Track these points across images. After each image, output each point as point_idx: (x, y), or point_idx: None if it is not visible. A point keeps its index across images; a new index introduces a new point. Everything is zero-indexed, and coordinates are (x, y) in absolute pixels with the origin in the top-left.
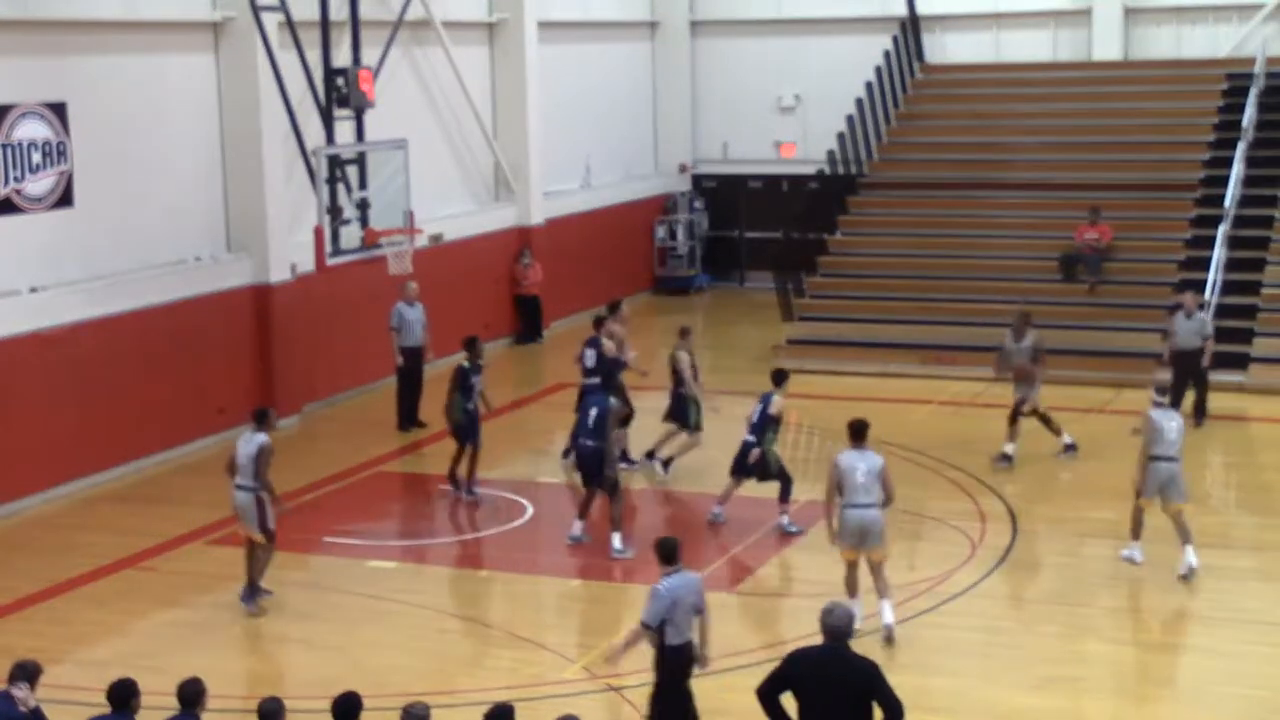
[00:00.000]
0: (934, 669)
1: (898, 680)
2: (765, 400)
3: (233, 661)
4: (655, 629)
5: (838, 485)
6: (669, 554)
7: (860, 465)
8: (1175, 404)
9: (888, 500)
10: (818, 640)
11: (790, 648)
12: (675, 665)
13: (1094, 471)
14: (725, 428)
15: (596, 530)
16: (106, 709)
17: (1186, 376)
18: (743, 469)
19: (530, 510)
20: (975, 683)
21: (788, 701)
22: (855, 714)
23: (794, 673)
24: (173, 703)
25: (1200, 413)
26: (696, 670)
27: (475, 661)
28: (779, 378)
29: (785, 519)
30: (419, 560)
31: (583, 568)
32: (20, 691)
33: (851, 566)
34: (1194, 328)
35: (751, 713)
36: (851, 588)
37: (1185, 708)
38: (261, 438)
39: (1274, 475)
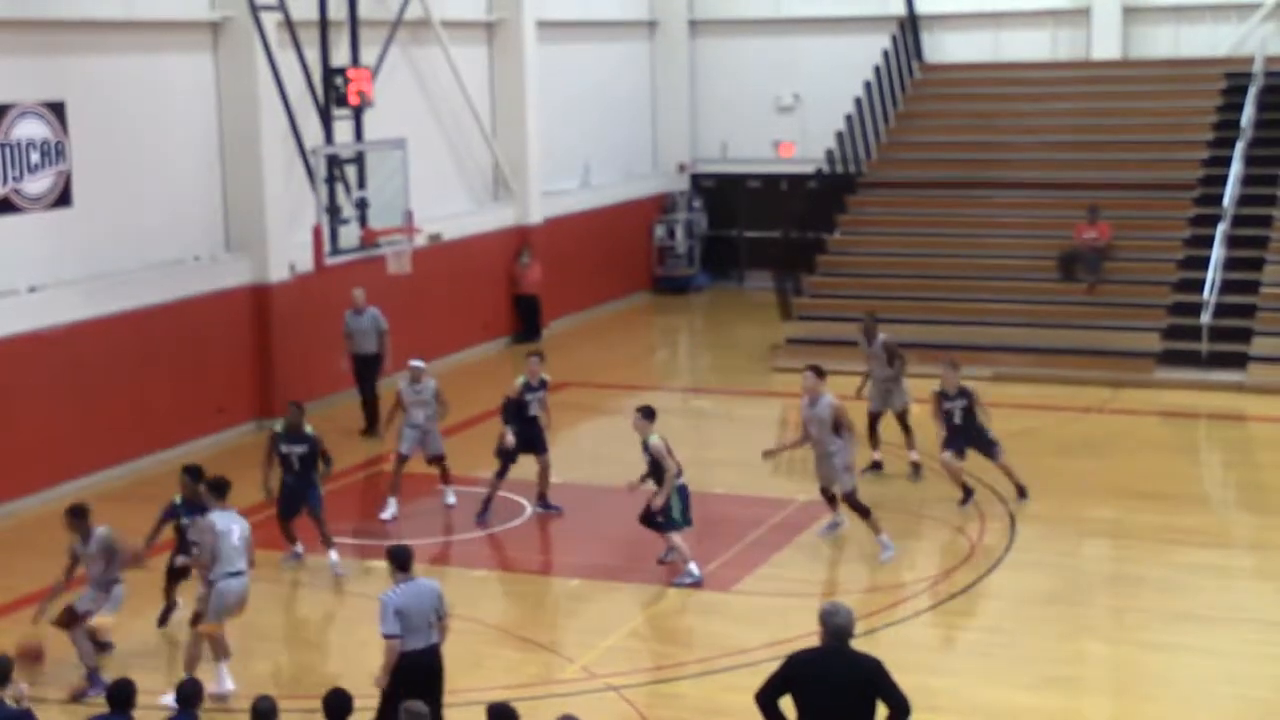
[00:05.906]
0: (934, 669)
1: (897, 680)
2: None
3: (233, 661)
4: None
5: (213, 553)
6: (402, 562)
7: (235, 528)
8: None
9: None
10: (815, 640)
11: (789, 648)
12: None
13: (1094, 471)
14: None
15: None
16: (106, 709)
17: None
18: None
19: (529, 510)
20: (975, 683)
21: (786, 705)
22: (859, 713)
23: (796, 674)
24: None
25: None
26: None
27: (475, 661)
28: None
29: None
30: (417, 560)
31: (583, 568)
32: (14, 690)
33: (218, 640)
34: None
35: (751, 713)
36: (222, 652)
37: (1185, 708)
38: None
39: (1273, 475)
